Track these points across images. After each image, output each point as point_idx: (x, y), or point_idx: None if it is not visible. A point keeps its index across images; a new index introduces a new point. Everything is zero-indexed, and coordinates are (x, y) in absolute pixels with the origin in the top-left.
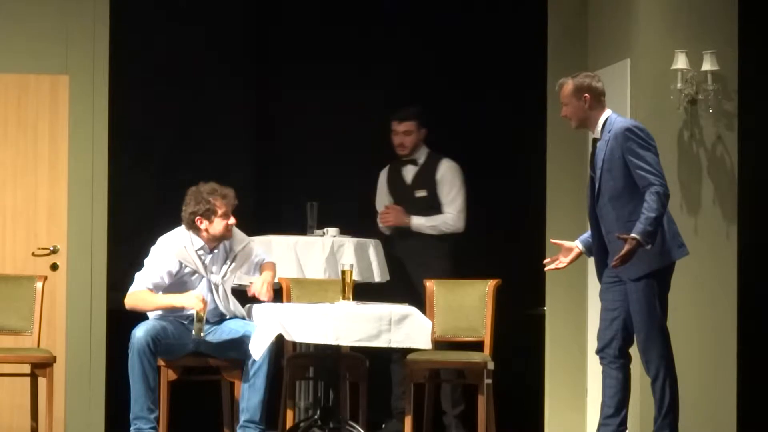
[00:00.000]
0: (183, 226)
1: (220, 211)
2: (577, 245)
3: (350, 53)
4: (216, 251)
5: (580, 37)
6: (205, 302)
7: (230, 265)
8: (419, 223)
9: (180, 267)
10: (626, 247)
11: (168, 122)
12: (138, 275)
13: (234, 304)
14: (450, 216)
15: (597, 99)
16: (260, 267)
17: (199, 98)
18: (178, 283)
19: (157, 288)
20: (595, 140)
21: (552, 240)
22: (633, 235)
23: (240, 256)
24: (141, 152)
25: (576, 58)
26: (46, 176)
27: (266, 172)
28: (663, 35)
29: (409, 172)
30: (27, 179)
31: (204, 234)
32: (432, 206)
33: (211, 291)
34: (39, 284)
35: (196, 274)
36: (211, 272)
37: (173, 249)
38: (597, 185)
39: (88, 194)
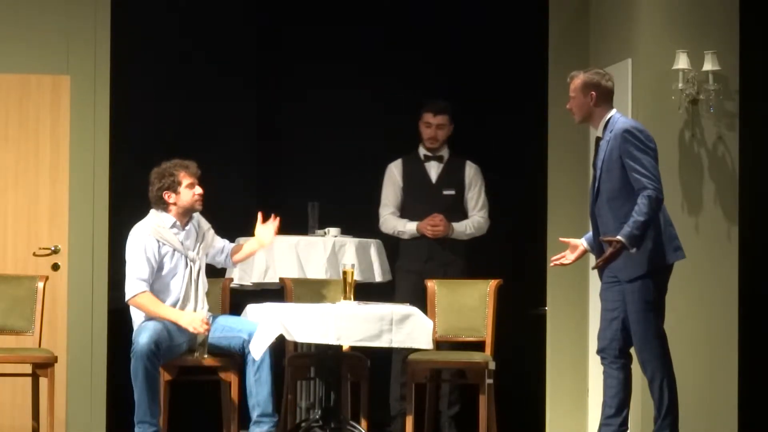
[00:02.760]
0: (152, 210)
1: (185, 182)
2: (582, 243)
3: (351, 53)
4: (188, 228)
5: (581, 37)
6: (209, 325)
7: (201, 242)
8: (460, 230)
9: (158, 246)
10: (609, 250)
11: (169, 122)
12: (128, 273)
13: (202, 287)
14: (482, 220)
15: (603, 97)
16: (234, 248)
17: (200, 99)
18: (159, 269)
19: (148, 281)
20: (598, 139)
21: (560, 239)
22: (618, 237)
23: (207, 235)
24: (142, 152)
25: (577, 58)
26: (47, 176)
27: (267, 172)
28: (664, 35)
29: (433, 169)
30: (28, 179)
31: (173, 208)
32: (455, 206)
33: (188, 266)
34: (40, 284)
35: (174, 253)
36: (188, 249)
37: (148, 231)
38: (596, 185)
39: (89, 194)
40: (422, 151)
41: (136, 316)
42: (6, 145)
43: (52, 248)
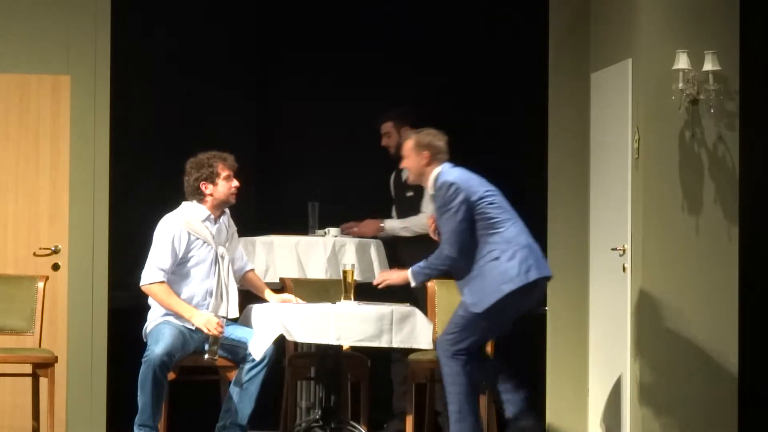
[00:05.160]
0: (184, 202)
1: (223, 174)
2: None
3: (351, 53)
4: (219, 224)
5: (581, 37)
6: (222, 327)
7: (230, 242)
8: (392, 226)
9: (188, 239)
10: (399, 278)
11: (169, 122)
12: (149, 259)
13: (233, 287)
14: (424, 215)
15: (435, 156)
16: (247, 277)
17: (200, 99)
18: (185, 260)
19: (167, 272)
20: (431, 196)
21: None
22: (408, 271)
23: (234, 237)
24: (142, 152)
25: (577, 58)
26: (48, 176)
27: (267, 173)
28: (664, 35)
29: (404, 174)
30: (28, 179)
31: (209, 199)
32: (417, 207)
33: (216, 263)
34: (40, 284)
35: (204, 245)
36: (219, 244)
37: (180, 222)
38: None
39: (89, 194)
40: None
41: (153, 312)
42: (6, 144)
43: (52, 248)
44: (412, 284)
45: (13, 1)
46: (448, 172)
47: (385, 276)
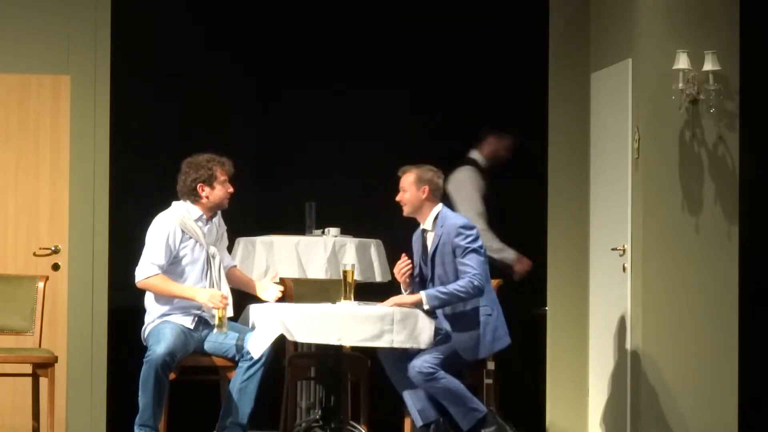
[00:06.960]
0: (176, 202)
1: (221, 178)
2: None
3: (350, 54)
4: (211, 224)
5: (581, 37)
6: (227, 299)
7: (220, 242)
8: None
9: (182, 236)
10: (411, 300)
11: (169, 122)
12: (144, 256)
13: (225, 286)
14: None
15: (434, 192)
16: (232, 274)
17: (200, 98)
18: (177, 259)
19: (162, 267)
20: (424, 231)
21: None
22: (420, 296)
23: (223, 236)
24: (142, 152)
25: (577, 58)
26: (48, 176)
27: (267, 172)
28: (664, 35)
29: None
30: (28, 179)
31: (203, 201)
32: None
33: (208, 261)
34: (40, 284)
35: (196, 245)
36: (210, 244)
37: (174, 219)
38: (431, 271)
39: (89, 194)
40: (482, 161)
41: (150, 314)
42: (6, 144)
43: (52, 248)
44: (426, 307)
45: (14, 1)
46: (456, 214)
47: (397, 300)
